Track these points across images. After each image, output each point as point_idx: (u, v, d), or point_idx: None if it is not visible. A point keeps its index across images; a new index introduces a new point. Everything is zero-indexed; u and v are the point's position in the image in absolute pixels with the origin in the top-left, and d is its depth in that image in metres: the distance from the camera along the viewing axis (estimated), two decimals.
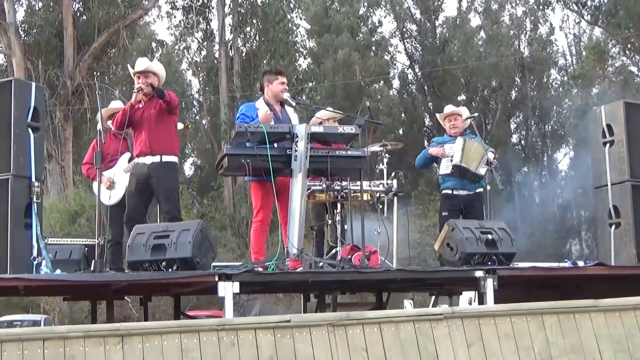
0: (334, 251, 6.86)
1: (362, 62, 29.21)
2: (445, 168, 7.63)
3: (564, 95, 31.52)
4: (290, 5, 28.18)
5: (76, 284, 5.54)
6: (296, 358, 4.08)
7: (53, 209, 18.88)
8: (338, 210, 7.00)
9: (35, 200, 5.56)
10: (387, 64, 32.14)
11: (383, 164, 7.50)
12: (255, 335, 4.06)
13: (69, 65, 22.31)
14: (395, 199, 7.45)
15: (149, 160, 6.38)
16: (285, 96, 6.60)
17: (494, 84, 31.86)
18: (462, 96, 31.16)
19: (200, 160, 32.85)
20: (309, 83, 28.29)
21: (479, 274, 5.62)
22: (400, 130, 30.37)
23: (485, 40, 32.36)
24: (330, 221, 7.09)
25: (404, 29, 32.94)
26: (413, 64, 33.07)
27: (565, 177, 31.47)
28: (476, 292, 6.05)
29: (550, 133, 32.68)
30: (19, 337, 3.78)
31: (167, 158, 6.42)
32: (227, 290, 5.00)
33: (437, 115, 8.29)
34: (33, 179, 5.57)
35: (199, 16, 26.84)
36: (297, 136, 5.89)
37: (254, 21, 26.47)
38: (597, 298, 4.76)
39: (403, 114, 31.56)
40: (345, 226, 6.98)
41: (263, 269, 5.57)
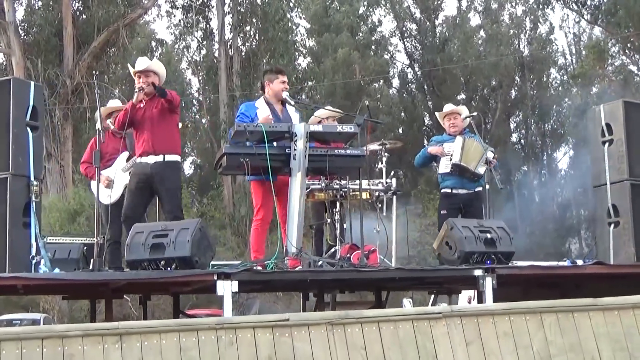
0: (333, 250, 6.84)
1: (362, 61, 29.19)
2: (444, 167, 7.62)
3: (563, 94, 31.48)
4: (290, 4, 28.22)
5: (75, 282, 5.54)
6: (295, 357, 4.08)
7: (52, 207, 18.89)
8: (337, 209, 6.98)
9: (33, 199, 5.56)
10: (387, 63, 32.12)
11: (382, 163, 7.49)
12: (254, 334, 4.06)
13: (69, 65, 22.32)
14: (395, 197, 7.44)
15: (151, 159, 6.35)
16: (284, 95, 6.60)
17: (493, 83, 31.84)
18: (462, 95, 31.15)
19: (199, 159, 32.86)
20: (308, 82, 28.32)
21: (478, 272, 5.61)
22: (400, 129, 30.37)
23: (485, 40, 32.35)
24: (329, 220, 7.07)
25: (404, 28, 32.94)
26: (413, 63, 33.09)
27: (565, 176, 31.48)
28: (475, 291, 6.06)
29: (550, 132, 32.68)
30: (17, 336, 3.78)
31: (170, 157, 6.40)
32: (226, 289, 5.00)
33: (437, 114, 8.28)
34: (32, 178, 5.58)
35: (198, 15, 26.86)
36: (296, 135, 5.89)
37: (254, 20, 26.48)
38: (596, 297, 4.76)
39: (403, 113, 31.55)
40: (344, 225, 6.95)
41: (262, 267, 5.57)
